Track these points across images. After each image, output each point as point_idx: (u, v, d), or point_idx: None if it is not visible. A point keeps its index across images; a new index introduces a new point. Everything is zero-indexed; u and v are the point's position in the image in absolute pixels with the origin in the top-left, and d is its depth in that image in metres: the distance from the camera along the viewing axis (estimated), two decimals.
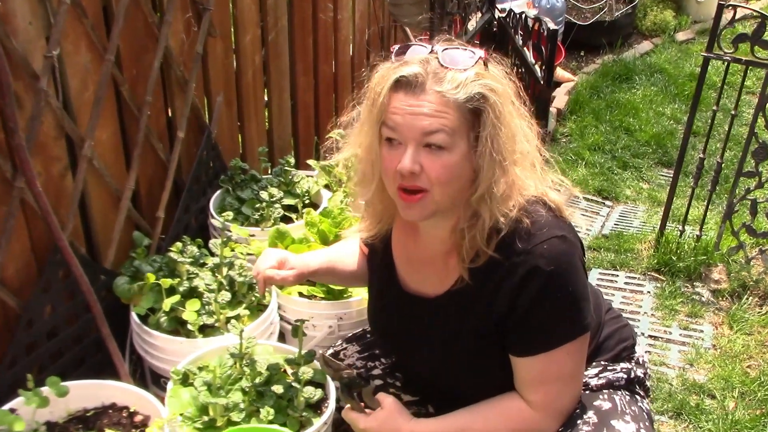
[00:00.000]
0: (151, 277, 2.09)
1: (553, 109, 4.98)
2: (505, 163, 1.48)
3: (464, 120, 1.45)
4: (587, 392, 1.71)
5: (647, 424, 1.65)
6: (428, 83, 1.44)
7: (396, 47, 1.53)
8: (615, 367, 1.75)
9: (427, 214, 1.52)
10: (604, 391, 1.71)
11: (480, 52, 1.49)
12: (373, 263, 1.85)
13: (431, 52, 1.49)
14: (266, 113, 3.13)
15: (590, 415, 1.62)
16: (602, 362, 1.76)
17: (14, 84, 1.80)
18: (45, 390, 1.78)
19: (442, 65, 1.46)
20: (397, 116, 1.45)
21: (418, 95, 1.44)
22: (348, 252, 1.95)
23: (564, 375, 1.58)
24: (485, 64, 1.51)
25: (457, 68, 1.46)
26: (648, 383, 1.82)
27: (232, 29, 2.78)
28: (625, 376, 1.74)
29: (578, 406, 1.64)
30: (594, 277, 3.35)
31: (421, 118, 1.43)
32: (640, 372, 1.78)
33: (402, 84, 1.46)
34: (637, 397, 1.74)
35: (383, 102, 1.47)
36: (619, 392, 1.71)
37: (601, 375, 1.74)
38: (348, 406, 1.73)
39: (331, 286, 2.27)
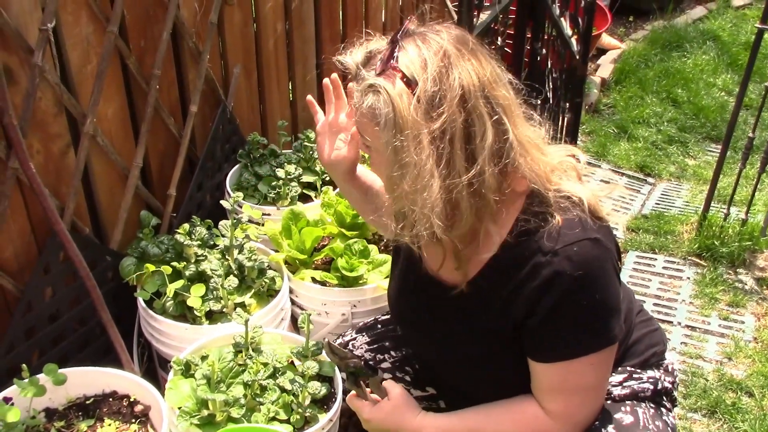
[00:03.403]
0: (150, 267, 2.00)
1: (597, 79, 4.76)
2: None
3: None
4: (609, 402, 1.58)
5: None
6: None
7: None
8: (641, 376, 1.62)
9: None
10: (627, 402, 1.58)
11: None
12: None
13: None
14: (290, 84, 3.00)
15: (609, 430, 1.50)
16: (629, 368, 1.63)
17: (8, 59, 1.71)
18: (42, 377, 1.72)
19: None
20: None
21: None
22: None
23: (585, 386, 1.46)
24: None
25: None
26: (676, 393, 1.69)
27: None
28: (651, 387, 1.61)
29: (598, 418, 1.52)
30: (631, 260, 3.19)
31: None
32: (668, 381, 1.65)
33: None
34: (663, 409, 1.61)
35: None
36: (644, 404, 1.59)
37: (625, 384, 1.61)
38: (353, 392, 1.64)
39: (345, 273, 2.16)
